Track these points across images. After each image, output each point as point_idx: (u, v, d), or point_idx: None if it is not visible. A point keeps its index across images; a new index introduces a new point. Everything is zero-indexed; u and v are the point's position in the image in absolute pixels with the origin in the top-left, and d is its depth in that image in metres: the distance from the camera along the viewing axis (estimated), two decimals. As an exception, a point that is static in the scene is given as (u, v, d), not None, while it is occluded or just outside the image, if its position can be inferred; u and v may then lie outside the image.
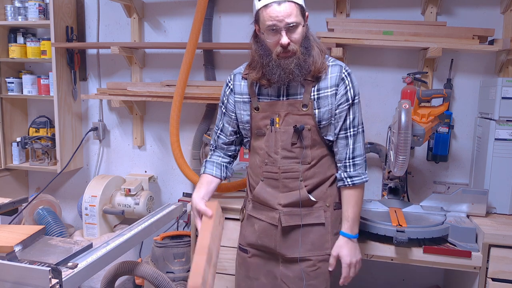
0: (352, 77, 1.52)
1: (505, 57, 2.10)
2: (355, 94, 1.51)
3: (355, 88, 1.52)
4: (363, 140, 1.56)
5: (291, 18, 1.38)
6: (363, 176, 1.55)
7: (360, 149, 1.54)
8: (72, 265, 1.24)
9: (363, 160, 1.55)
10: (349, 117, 1.52)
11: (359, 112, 1.54)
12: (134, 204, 2.55)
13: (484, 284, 1.74)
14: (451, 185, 2.30)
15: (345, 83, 1.50)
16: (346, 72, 1.51)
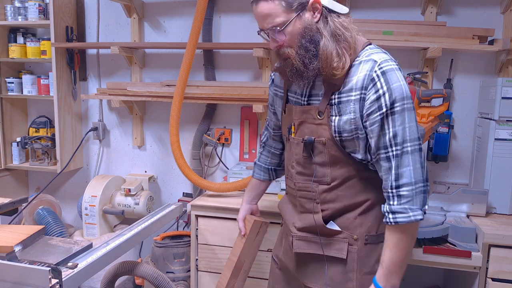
0: (389, 76, 1.13)
1: (505, 57, 2.10)
2: (395, 99, 1.12)
3: (395, 91, 1.12)
4: (419, 161, 1.14)
5: (269, 20, 1.17)
6: (412, 214, 1.13)
7: (409, 175, 1.13)
8: (72, 265, 1.24)
9: (414, 190, 1.13)
10: (388, 131, 1.14)
11: (408, 123, 1.13)
12: (134, 204, 2.55)
13: (484, 284, 1.74)
14: (451, 185, 2.30)
15: (376, 86, 1.13)
16: (380, 70, 1.13)
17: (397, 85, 1.12)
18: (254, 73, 2.54)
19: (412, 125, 1.14)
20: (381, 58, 1.15)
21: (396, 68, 1.15)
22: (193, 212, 2.10)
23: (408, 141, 1.13)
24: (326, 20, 1.17)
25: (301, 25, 1.16)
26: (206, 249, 2.10)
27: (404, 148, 1.13)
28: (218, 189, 2.16)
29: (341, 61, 1.15)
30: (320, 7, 1.16)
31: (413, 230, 1.16)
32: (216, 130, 2.62)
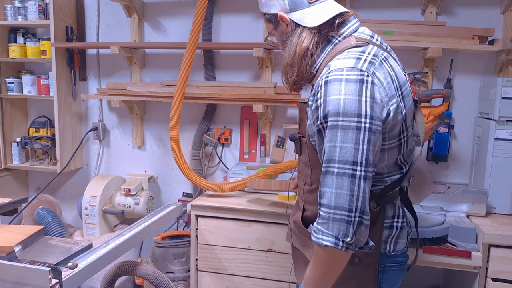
0: (329, 87, 1.04)
1: (505, 57, 2.10)
2: (327, 113, 1.04)
3: (328, 104, 1.03)
4: (348, 187, 1.01)
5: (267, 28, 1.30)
6: (320, 237, 1.04)
7: (329, 197, 1.03)
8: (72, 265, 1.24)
9: (331, 215, 1.02)
10: (321, 146, 1.09)
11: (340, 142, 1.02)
12: (134, 204, 2.55)
13: (484, 284, 1.74)
14: (451, 185, 2.30)
15: (318, 94, 1.08)
16: (325, 78, 1.06)
17: (335, 98, 1.02)
18: (254, 73, 2.54)
19: (346, 146, 1.01)
20: (336, 66, 1.07)
21: (348, 79, 1.03)
22: (193, 212, 2.10)
23: (335, 161, 1.02)
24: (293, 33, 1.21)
25: (278, 35, 1.28)
26: (206, 249, 2.10)
27: (329, 168, 1.04)
28: (218, 189, 2.16)
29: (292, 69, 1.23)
30: (288, 22, 1.21)
31: (328, 255, 1.05)
32: (216, 130, 2.62)
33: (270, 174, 2.19)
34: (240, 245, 2.04)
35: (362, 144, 1.01)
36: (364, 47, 1.13)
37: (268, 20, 1.27)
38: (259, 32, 2.48)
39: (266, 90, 2.31)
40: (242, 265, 2.05)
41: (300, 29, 1.19)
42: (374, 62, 1.09)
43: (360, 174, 1.02)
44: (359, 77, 1.04)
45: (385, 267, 1.22)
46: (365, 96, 1.02)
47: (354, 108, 1.01)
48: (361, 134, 1.01)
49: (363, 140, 1.02)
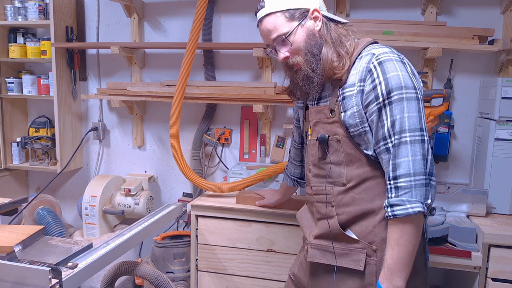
0: (385, 66, 1.12)
1: (505, 57, 2.10)
2: (392, 88, 1.11)
3: (391, 79, 1.11)
4: (421, 152, 1.09)
5: (275, 33, 1.23)
6: (410, 206, 1.07)
7: (407, 166, 1.08)
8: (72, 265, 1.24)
9: (413, 182, 1.08)
10: (386, 121, 1.12)
11: (408, 112, 1.10)
12: (134, 204, 2.55)
13: (484, 284, 1.74)
14: (451, 185, 2.30)
15: (372, 76, 1.14)
16: (377, 61, 1.14)
17: (394, 74, 1.12)
18: (254, 73, 2.54)
19: (413, 115, 1.10)
20: (380, 51, 1.17)
21: (396, 59, 1.15)
22: (193, 212, 2.10)
23: (407, 131, 1.09)
24: (327, 27, 1.24)
25: (304, 33, 1.22)
26: (206, 249, 2.10)
27: (402, 138, 1.10)
28: (218, 189, 2.16)
29: (342, 61, 1.19)
30: (320, 16, 1.24)
31: (414, 224, 1.09)
32: (216, 130, 2.62)
33: (270, 175, 2.19)
34: (240, 245, 2.04)
35: (422, 112, 1.13)
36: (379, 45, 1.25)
37: (292, 16, 1.21)
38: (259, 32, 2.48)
39: (266, 90, 2.31)
40: (242, 265, 2.05)
41: (332, 24, 1.26)
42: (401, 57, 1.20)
43: (426, 139, 1.12)
44: (400, 59, 1.17)
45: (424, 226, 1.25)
46: (411, 72, 1.16)
47: (410, 82, 1.13)
48: (419, 104, 1.12)
49: (421, 108, 1.13)
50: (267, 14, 1.23)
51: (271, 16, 1.22)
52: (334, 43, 1.21)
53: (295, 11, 1.21)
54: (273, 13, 1.22)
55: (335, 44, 1.21)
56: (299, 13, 1.22)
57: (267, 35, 1.26)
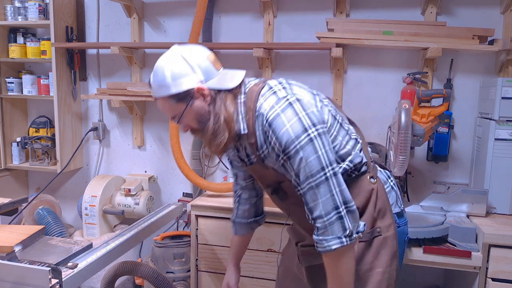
0: (275, 124, 1.15)
1: (505, 57, 2.10)
2: (285, 145, 1.14)
3: (282, 138, 1.14)
4: (328, 190, 1.14)
5: (168, 113, 1.29)
6: (326, 244, 1.15)
7: (317, 209, 1.14)
8: (72, 265, 1.24)
9: (326, 222, 1.14)
10: (291, 173, 1.18)
11: (305, 160, 1.13)
12: (134, 204, 2.55)
13: (484, 284, 1.74)
14: (451, 185, 2.30)
15: (268, 139, 1.18)
16: (267, 122, 1.16)
17: (284, 130, 1.13)
18: (254, 73, 2.54)
19: (311, 160, 1.13)
20: (267, 108, 1.17)
21: (283, 108, 1.15)
22: (193, 212, 2.10)
23: (309, 177, 1.14)
24: (215, 101, 1.22)
25: (193, 112, 1.23)
26: (206, 249, 2.10)
27: (307, 185, 1.15)
28: (218, 189, 2.16)
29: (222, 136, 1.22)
30: (206, 92, 1.21)
31: (343, 255, 1.17)
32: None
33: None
34: (240, 245, 2.03)
35: (321, 148, 1.14)
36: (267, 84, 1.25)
37: (178, 100, 1.22)
38: (259, 32, 2.48)
39: (266, 90, 2.30)
40: (242, 265, 2.05)
41: (221, 94, 1.23)
42: (285, 85, 1.23)
43: (330, 174, 1.14)
44: (289, 102, 1.16)
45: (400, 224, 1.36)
46: (300, 111, 1.15)
47: (300, 128, 1.13)
48: (316, 143, 1.13)
49: (320, 145, 1.14)
50: (155, 98, 1.28)
51: (159, 100, 1.26)
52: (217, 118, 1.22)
53: (179, 95, 1.21)
54: (160, 98, 1.25)
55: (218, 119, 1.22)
56: (184, 95, 1.21)
57: (163, 112, 1.31)
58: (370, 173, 1.31)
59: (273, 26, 2.44)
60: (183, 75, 1.20)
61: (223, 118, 1.21)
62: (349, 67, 2.39)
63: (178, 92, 1.20)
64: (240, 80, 1.25)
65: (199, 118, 1.23)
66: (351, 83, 2.41)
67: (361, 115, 2.41)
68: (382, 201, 1.29)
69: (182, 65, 1.20)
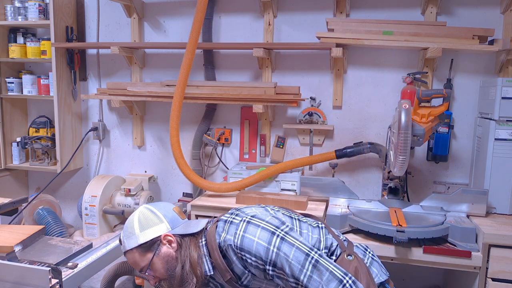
0: (245, 248, 1.22)
1: (505, 57, 2.10)
2: (264, 257, 1.21)
3: (258, 253, 1.21)
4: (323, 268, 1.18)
5: (137, 267, 1.32)
6: None
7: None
8: (72, 265, 1.24)
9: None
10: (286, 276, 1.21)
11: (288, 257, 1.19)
12: (134, 204, 2.55)
13: (484, 284, 1.74)
14: (451, 185, 2.30)
15: (247, 261, 1.24)
16: (238, 249, 1.24)
17: (255, 245, 1.21)
18: (254, 73, 2.54)
19: (294, 254, 1.19)
20: (231, 237, 1.25)
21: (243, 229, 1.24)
22: (193, 212, 2.09)
23: (302, 268, 1.18)
24: (181, 246, 1.31)
25: (161, 260, 1.29)
26: (206, 249, 2.10)
27: (305, 276, 1.18)
28: (218, 189, 2.16)
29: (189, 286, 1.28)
30: (173, 238, 1.30)
31: None
32: (216, 130, 2.62)
33: (270, 174, 2.19)
34: (240, 245, 2.03)
35: (295, 242, 1.21)
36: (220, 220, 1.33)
37: (146, 249, 1.28)
38: (259, 32, 2.48)
39: (266, 90, 2.31)
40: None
41: (186, 239, 1.31)
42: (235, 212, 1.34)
43: (317, 256, 1.20)
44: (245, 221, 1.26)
45: None
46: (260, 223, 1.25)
47: (266, 234, 1.21)
48: (288, 239, 1.21)
49: (293, 240, 1.21)
50: (125, 251, 1.31)
51: (128, 253, 1.30)
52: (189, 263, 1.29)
53: (146, 244, 1.28)
54: (129, 251, 1.29)
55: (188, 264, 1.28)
56: (151, 243, 1.28)
57: (132, 265, 1.33)
58: (346, 252, 1.33)
59: (273, 26, 2.44)
60: (150, 225, 1.29)
61: (189, 263, 1.28)
62: (349, 67, 2.39)
63: (146, 240, 1.28)
64: (203, 225, 1.35)
65: (166, 266, 1.29)
66: (351, 83, 2.41)
67: (361, 115, 2.41)
68: (365, 276, 1.30)
69: (149, 216, 1.31)
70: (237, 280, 1.30)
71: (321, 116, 2.42)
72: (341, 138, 2.45)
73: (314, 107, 2.44)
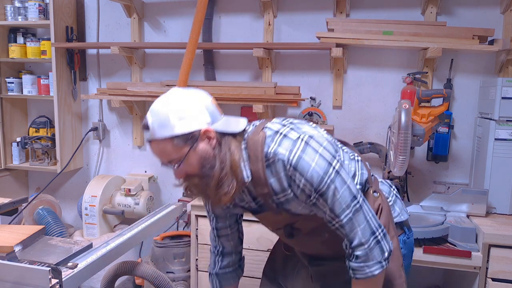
0: (301, 166, 1.12)
1: (505, 57, 2.10)
2: (316, 184, 1.12)
3: (313, 178, 1.12)
4: (364, 217, 1.16)
5: (165, 158, 1.15)
6: (368, 271, 1.16)
7: (359, 237, 1.15)
8: (72, 265, 1.24)
9: (367, 249, 1.15)
10: (325, 209, 1.16)
11: (339, 193, 1.14)
12: (134, 204, 2.55)
13: (484, 284, 1.74)
14: (451, 185, 2.30)
15: (296, 182, 1.15)
16: (291, 166, 1.13)
17: (311, 170, 1.12)
18: (254, 73, 2.54)
19: (343, 192, 1.14)
20: (285, 152, 1.13)
21: (302, 149, 1.13)
22: (193, 212, 2.10)
23: (345, 209, 1.14)
24: (220, 145, 1.16)
25: (197, 156, 1.14)
26: (206, 249, 2.10)
27: (346, 216, 1.14)
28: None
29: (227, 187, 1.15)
30: (213, 134, 1.15)
31: (376, 279, 1.19)
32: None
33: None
34: (240, 245, 2.03)
35: (347, 179, 1.15)
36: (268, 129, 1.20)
37: (182, 141, 1.12)
38: (259, 32, 2.48)
39: (266, 90, 2.31)
40: (242, 265, 2.05)
41: (226, 138, 1.17)
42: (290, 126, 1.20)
43: (361, 201, 1.16)
44: (305, 141, 1.14)
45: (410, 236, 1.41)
46: (318, 148, 1.14)
47: (325, 163, 1.13)
48: (341, 174, 1.15)
49: (345, 176, 1.15)
50: (152, 140, 1.15)
51: (157, 142, 1.14)
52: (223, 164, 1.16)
53: (184, 136, 1.12)
54: (159, 140, 1.13)
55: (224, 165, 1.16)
56: (188, 136, 1.12)
57: (157, 157, 1.18)
58: (372, 188, 1.31)
59: (273, 26, 2.44)
60: (189, 115, 1.12)
61: (229, 164, 1.15)
62: (349, 67, 2.39)
63: (184, 132, 1.11)
64: (244, 125, 1.21)
65: (202, 163, 1.15)
66: (351, 83, 2.41)
67: (361, 115, 2.41)
68: (386, 215, 1.29)
69: (188, 105, 1.13)
70: (272, 196, 1.20)
71: (321, 116, 2.42)
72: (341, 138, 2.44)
73: (314, 107, 2.44)
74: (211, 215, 1.46)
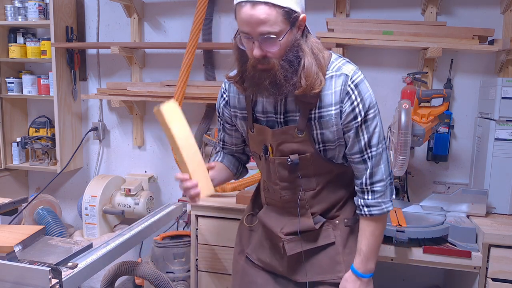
0: (361, 87, 1.20)
1: (505, 57, 2.10)
2: (368, 107, 1.21)
3: (367, 100, 1.20)
4: (387, 158, 1.27)
5: (266, 27, 1.09)
6: (384, 206, 1.27)
7: (382, 173, 1.26)
8: (72, 265, 1.24)
9: (385, 185, 1.26)
10: (363, 137, 1.23)
11: (378, 127, 1.24)
12: (134, 204, 2.55)
13: (484, 284, 1.74)
14: (451, 185, 2.30)
15: (351, 98, 1.19)
16: (353, 83, 1.19)
17: (367, 94, 1.22)
18: (254, 73, 2.54)
19: (379, 129, 1.26)
20: (350, 71, 1.21)
21: (363, 78, 1.24)
22: (193, 212, 2.10)
23: (378, 143, 1.25)
24: (306, 38, 1.18)
25: (291, 39, 1.13)
26: (206, 249, 2.10)
27: (376, 150, 1.25)
28: (218, 189, 2.16)
29: (319, 78, 1.17)
30: (304, 26, 1.17)
31: (385, 219, 1.33)
32: (216, 130, 2.62)
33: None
34: (240, 245, 2.03)
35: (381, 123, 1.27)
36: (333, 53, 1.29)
37: (288, 18, 1.09)
38: (259, 32, 2.48)
39: (266, 90, 2.30)
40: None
41: (309, 36, 1.21)
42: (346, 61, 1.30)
43: (386, 146, 1.29)
44: (362, 75, 1.25)
45: None
46: (369, 88, 1.26)
47: (375, 99, 1.25)
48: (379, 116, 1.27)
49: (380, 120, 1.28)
50: (266, 2, 1.07)
51: (269, 6, 1.07)
52: (313, 57, 1.17)
53: (291, 13, 1.09)
54: (272, 5, 1.07)
55: (314, 58, 1.17)
56: (294, 17, 1.10)
57: (253, 24, 1.12)
58: None
59: (273, 26, 2.44)
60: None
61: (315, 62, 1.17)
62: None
63: (294, 9, 1.10)
64: None
65: (290, 47, 1.13)
66: (351, 83, 2.41)
67: (361, 115, 2.41)
68: None
69: None
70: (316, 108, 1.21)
71: (321, 116, 2.42)
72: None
73: (314, 107, 2.43)
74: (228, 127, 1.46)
